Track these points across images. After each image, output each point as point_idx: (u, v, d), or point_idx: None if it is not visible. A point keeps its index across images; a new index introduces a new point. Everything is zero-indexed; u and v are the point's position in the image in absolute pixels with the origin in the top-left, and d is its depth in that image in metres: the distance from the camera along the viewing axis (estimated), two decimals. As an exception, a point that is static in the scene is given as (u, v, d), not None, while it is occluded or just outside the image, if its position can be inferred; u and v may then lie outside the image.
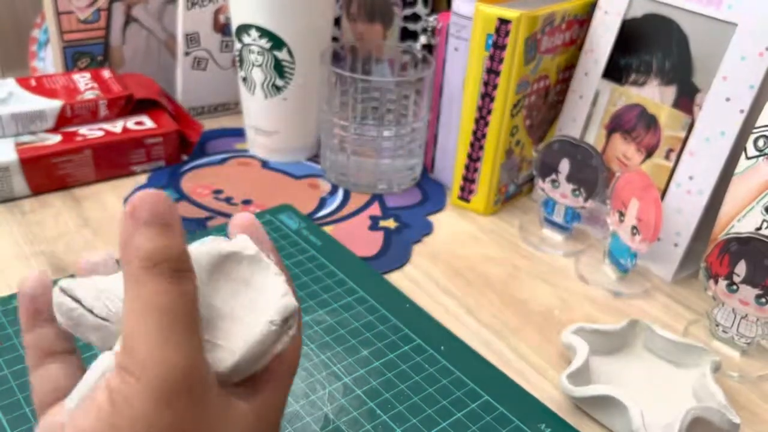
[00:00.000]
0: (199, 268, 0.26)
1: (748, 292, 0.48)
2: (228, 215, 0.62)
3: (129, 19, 0.76)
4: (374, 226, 0.63)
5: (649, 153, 0.59)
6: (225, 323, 0.26)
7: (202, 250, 0.27)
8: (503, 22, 0.58)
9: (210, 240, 0.27)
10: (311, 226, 0.61)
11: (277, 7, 0.64)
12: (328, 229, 0.62)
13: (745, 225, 0.52)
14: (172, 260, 0.23)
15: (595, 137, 0.63)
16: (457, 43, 0.64)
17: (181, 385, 0.23)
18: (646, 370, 0.48)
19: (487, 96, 0.61)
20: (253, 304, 0.26)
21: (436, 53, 0.67)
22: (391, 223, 0.64)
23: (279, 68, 0.67)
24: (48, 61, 0.77)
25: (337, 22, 0.79)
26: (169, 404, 0.23)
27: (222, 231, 0.59)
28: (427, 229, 0.63)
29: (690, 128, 0.56)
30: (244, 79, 0.70)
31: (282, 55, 0.67)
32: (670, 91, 0.57)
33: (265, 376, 0.28)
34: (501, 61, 0.59)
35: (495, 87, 0.60)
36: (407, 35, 0.80)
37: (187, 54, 0.76)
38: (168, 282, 0.23)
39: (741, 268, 0.48)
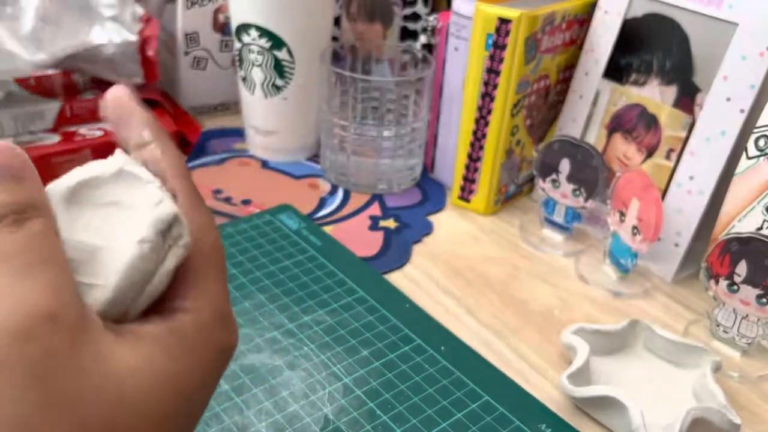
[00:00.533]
0: (59, 205, 0.23)
1: (749, 292, 0.48)
2: (228, 215, 0.62)
3: (128, 19, 0.76)
4: (374, 226, 0.63)
5: (650, 153, 0.59)
6: (97, 257, 0.22)
7: (59, 185, 0.24)
8: (503, 21, 0.58)
9: (73, 171, 0.24)
10: (311, 226, 0.61)
11: (276, 7, 0.64)
12: (328, 229, 0.62)
13: (746, 225, 0.52)
14: (17, 211, 0.21)
15: (595, 137, 0.63)
16: (457, 43, 0.64)
17: (38, 327, 0.20)
18: (646, 371, 0.48)
19: (487, 96, 0.61)
20: (124, 226, 0.23)
21: (436, 53, 0.67)
22: (391, 223, 0.64)
23: (279, 68, 0.67)
24: (47, 61, 0.77)
25: (336, 21, 0.79)
26: (27, 342, 0.19)
27: (221, 231, 0.59)
28: (427, 229, 0.63)
29: (690, 128, 0.56)
30: (244, 79, 0.70)
31: (282, 54, 0.67)
32: (671, 91, 0.57)
33: (174, 291, 0.24)
34: (501, 60, 0.59)
35: (495, 87, 0.60)
36: (407, 35, 0.80)
37: (186, 53, 0.76)
38: (11, 230, 0.21)
39: (742, 268, 0.48)
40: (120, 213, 0.23)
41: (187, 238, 0.24)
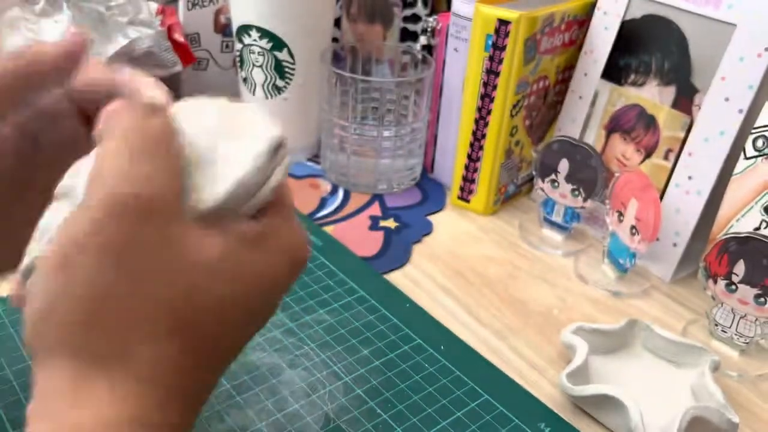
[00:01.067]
0: (182, 117, 0.26)
1: (747, 292, 0.48)
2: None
3: (129, 20, 0.76)
4: (374, 226, 0.63)
5: (648, 153, 0.59)
6: (214, 163, 0.25)
7: (181, 104, 0.27)
8: (503, 22, 0.58)
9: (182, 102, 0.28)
10: (311, 226, 0.61)
11: (277, 8, 0.65)
12: (328, 229, 0.62)
13: (744, 225, 0.52)
14: (152, 107, 0.25)
15: (594, 137, 0.63)
16: (457, 44, 0.64)
17: (133, 209, 0.22)
18: (645, 370, 0.48)
19: (486, 96, 0.61)
20: (239, 141, 0.26)
21: (436, 54, 0.67)
22: (391, 223, 0.64)
23: (279, 69, 0.68)
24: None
25: (337, 22, 0.79)
26: (120, 221, 0.22)
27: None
28: (427, 229, 0.63)
29: (689, 128, 0.56)
30: (245, 80, 0.70)
31: (282, 55, 0.67)
32: (669, 92, 0.58)
33: (271, 207, 0.27)
34: (500, 61, 0.59)
35: (494, 87, 0.60)
36: (407, 36, 0.80)
37: (187, 54, 0.76)
38: (142, 115, 0.24)
39: (740, 268, 0.48)
40: (235, 128, 0.26)
41: (288, 159, 0.27)
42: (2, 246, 0.28)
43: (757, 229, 0.51)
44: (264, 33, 0.66)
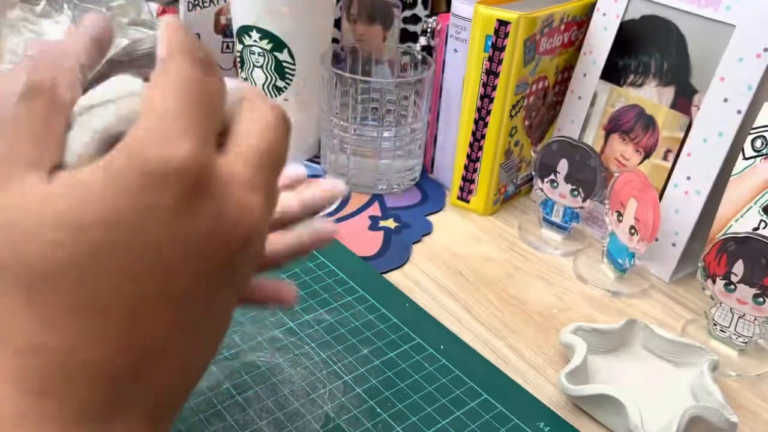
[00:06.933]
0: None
1: (746, 292, 0.48)
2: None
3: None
4: (374, 226, 0.63)
5: (647, 153, 0.60)
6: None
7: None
8: (502, 23, 0.58)
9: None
10: (311, 226, 0.61)
11: (277, 9, 0.65)
12: (328, 229, 0.62)
13: (743, 225, 0.52)
14: (206, 55, 0.24)
15: (593, 138, 0.64)
16: (457, 45, 0.64)
17: (185, 172, 0.21)
18: (644, 370, 0.49)
19: (486, 97, 0.61)
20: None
21: (436, 54, 0.67)
22: (390, 223, 0.64)
23: (280, 69, 0.68)
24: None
25: (337, 23, 0.80)
26: (160, 188, 0.21)
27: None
28: (427, 229, 0.64)
29: (688, 129, 0.56)
30: (245, 81, 0.70)
31: (283, 56, 0.67)
32: (668, 92, 0.58)
33: None
34: (500, 62, 0.59)
35: (494, 88, 0.61)
36: (407, 36, 0.80)
37: (187, 55, 0.76)
38: (199, 69, 0.23)
39: (738, 268, 0.48)
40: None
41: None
42: None
43: (756, 229, 0.51)
44: (264, 34, 0.66)
